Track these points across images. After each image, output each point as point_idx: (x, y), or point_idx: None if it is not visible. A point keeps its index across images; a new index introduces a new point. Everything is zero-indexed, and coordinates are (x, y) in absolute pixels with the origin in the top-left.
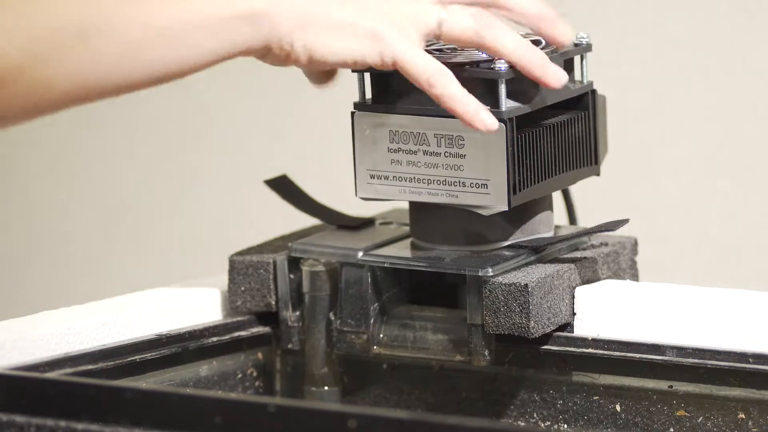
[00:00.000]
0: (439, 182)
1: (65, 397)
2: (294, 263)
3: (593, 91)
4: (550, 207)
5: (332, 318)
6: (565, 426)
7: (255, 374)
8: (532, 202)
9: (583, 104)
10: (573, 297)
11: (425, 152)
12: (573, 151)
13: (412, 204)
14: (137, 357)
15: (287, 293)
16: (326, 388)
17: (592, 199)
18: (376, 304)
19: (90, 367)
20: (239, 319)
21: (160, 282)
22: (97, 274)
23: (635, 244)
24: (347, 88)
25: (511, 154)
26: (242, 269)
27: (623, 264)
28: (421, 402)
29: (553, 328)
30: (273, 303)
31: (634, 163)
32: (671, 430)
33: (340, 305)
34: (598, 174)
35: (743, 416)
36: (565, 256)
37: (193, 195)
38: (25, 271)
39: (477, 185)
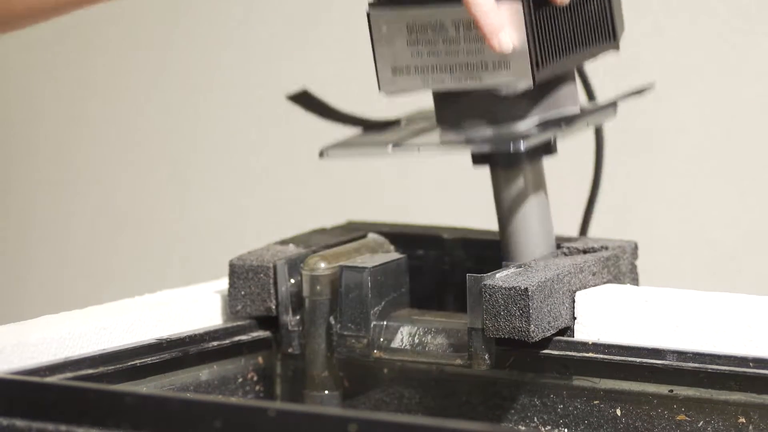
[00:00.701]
0: (461, 68)
1: (65, 402)
2: (294, 267)
3: None
4: (573, 80)
5: (332, 322)
6: (566, 430)
7: (255, 378)
8: (556, 78)
9: None
10: (573, 301)
11: (444, 40)
12: (591, 26)
13: (436, 95)
14: (137, 361)
15: (287, 297)
16: (327, 392)
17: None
18: (376, 308)
19: (90, 371)
20: (239, 323)
21: (160, 286)
22: (97, 279)
23: (635, 248)
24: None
25: (531, 29)
26: (242, 273)
27: (623, 268)
28: (421, 406)
29: (553, 332)
30: (273, 307)
31: (634, 168)
32: None
33: (340, 309)
34: (617, 48)
35: (744, 420)
36: (565, 260)
37: (193, 199)
38: (25, 275)
39: (499, 65)
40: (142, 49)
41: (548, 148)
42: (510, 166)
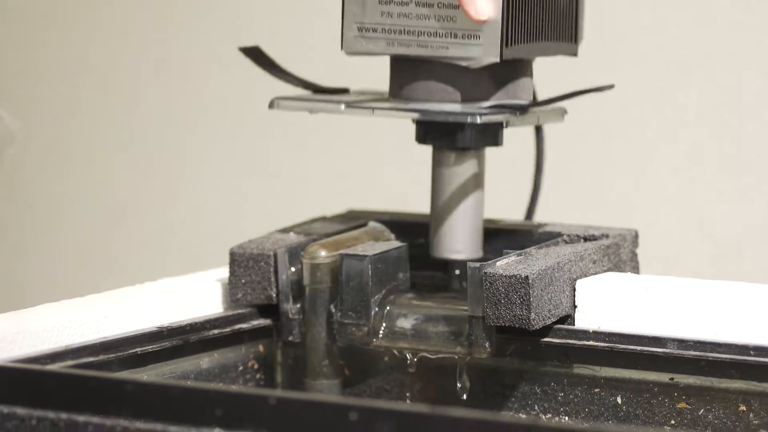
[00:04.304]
0: (430, 34)
1: (66, 390)
2: (294, 256)
3: None
4: (531, 75)
5: (333, 310)
6: (567, 418)
7: (256, 366)
8: (516, 66)
9: None
10: (574, 289)
11: (417, 3)
12: (558, 20)
13: (394, 61)
14: (138, 349)
15: (288, 286)
16: (327, 380)
17: (593, 193)
18: (376, 297)
19: (91, 359)
20: (240, 311)
21: (160, 274)
22: (98, 267)
23: (636, 236)
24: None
25: (506, 6)
26: (243, 261)
27: (624, 256)
28: (421, 394)
29: (553, 320)
30: (274, 295)
31: (635, 156)
32: (672, 422)
33: (340, 297)
34: (575, 54)
35: (744, 408)
36: (566, 248)
37: (194, 187)
38: (25, 264)
39: (469, 36)
40: (139, 34)
41: (495, 138)
42: (456, 148)
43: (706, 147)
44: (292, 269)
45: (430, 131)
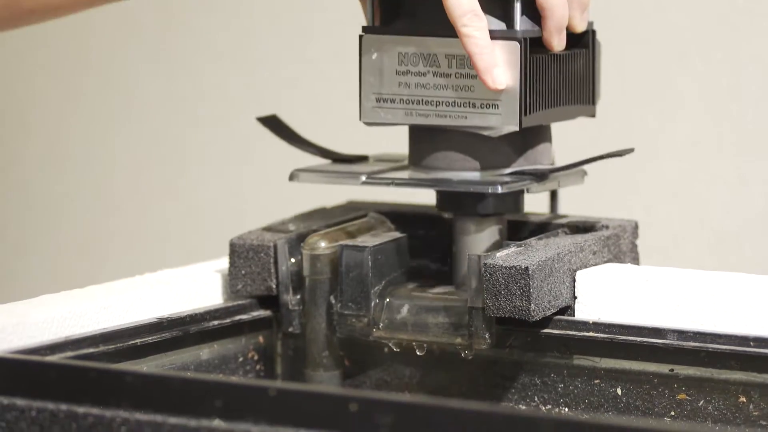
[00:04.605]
0: (448, 104)
1: (66, 381)
2: (294, 247)
3: (593, 31)
4: (549, 140)
5: (333, 301)
6: (566, 409)
7: (256, 358)
8: (535, 131)
9: (583, 42)
10: (574, 280)
11: (435, 74)
12: (575, 84)
13: (413, 130)
14: (138, 340)
15: (288, 277)
16: (327, 371)
17: (593, 183)
18: (376, 288)
19: (91, 350)
20: (240, 302)
21: (160, 265)
22: (98, 258)
23: (636, 227)
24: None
25: (524, 74)
26: (243, 253)
27: (624, 247)
28: (421, 386)
29: (553, 311)
30: (274, 286)
31: (635, 146)
32: (672, 413)
33: (340, 289)
34: (593, 115)
35: (744, 400)
36: (566, 239)
37: (194, 178)
38: (24, 255)
39: (488, 105)
40: (140, 25)
41: (516, 204)
42: (477, 215)
43: (706, 136)
44: (292, 260)
45: (450, 200)
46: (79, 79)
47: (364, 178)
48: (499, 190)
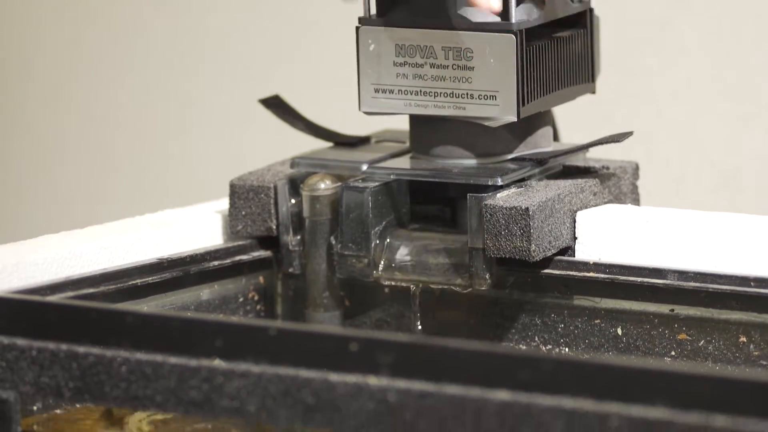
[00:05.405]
0: (446, 95)
1: (66, 321)
2: (294, 188)
3: (591, 10)
4: (550, 122)
5: (333, 242)
6: (567, 349)
7: (256, 298)
8: (534, 116)
9: (581, 23)
10: (574, 221)
11: (432, 65)
12: (573, 66)
13: (413, 118)
14: (138, 281)
15: (288, 217)
16: (327, 311)
17: (592, 123)
18: (377, 228)
19: (91, 290)
20: (240, 243)
21: (161, 206)
22: (98, 198)
23: (636, 168)
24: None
25: (520, 65)
26: (243, 193)
27: (624, 188)
28: (422, 325)
29: (554, 251)
30: (274, 227)
31: (634, 87)
32: (672, 353)
33: (340, 229)
34: (593, 92)
35: (744, 340)
36: (566, 179)
37: (195, 118)
38: (23, 195)
39: (485, 97)
40: None
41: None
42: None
43: (706, 76)
44: (293, 201)
45: (450, 189)
46: (81, 13)
47: (365, 167)
48: (500, 182)
